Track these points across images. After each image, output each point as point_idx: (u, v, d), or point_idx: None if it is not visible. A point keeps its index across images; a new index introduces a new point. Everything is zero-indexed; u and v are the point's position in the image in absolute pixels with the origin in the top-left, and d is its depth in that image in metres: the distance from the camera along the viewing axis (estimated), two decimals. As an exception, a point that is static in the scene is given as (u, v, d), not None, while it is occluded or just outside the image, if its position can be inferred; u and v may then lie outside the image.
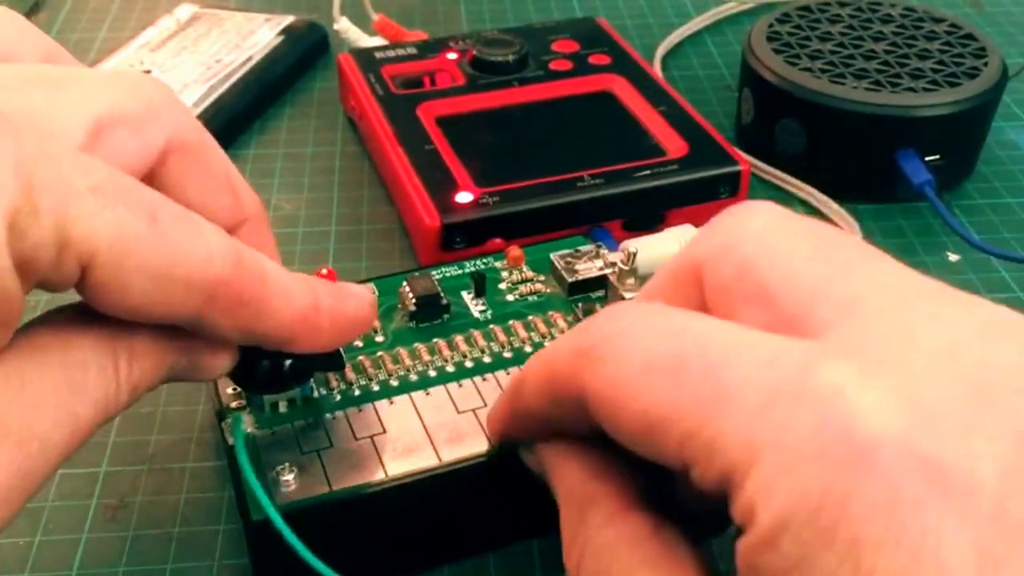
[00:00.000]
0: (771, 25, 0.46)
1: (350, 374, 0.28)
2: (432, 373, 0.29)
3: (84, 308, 0.20)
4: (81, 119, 0.20)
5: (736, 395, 0.16)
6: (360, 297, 0.25)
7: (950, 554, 0.14)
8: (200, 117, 0.45)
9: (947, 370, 0.16)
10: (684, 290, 0.21)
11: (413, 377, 0.28)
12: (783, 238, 0.20)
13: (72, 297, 0.19)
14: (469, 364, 0.29)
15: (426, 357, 0.29)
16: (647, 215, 0.38)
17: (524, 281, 0.32)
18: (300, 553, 0.23)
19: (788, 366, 0.17)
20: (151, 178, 0.22)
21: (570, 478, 0.22)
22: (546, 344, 0.29)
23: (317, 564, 0.23)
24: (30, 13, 0.56)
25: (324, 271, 0.29)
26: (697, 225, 0.36)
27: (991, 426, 0.15)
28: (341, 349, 0.27)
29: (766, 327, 0.18)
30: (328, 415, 0.27)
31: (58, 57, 0.24)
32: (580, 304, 0.31)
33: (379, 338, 0.30)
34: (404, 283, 0.31)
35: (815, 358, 0.16)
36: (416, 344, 0.29)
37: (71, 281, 0.18)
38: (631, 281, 0.31)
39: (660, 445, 0.18)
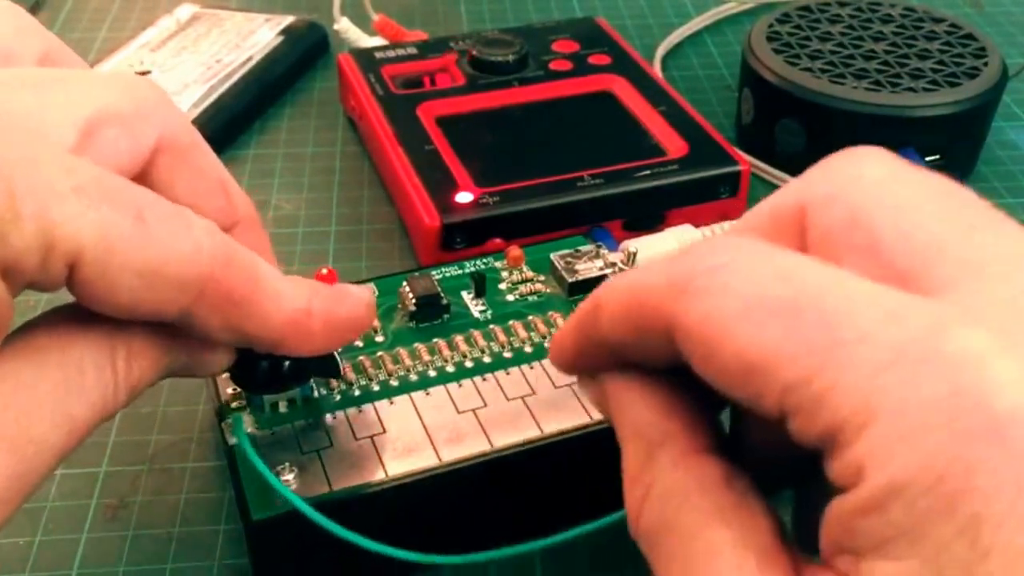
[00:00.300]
0: (771, 25, 0.46)
1: (350, 374, 0.28)
2: (432, 373, 0.29)
3: (81, 308, 0.20)
4: (71, 120, 0.20)
5: (856, 348, 0.15)
6: (356, 300, 0.24)
7: None
8: (200, 117, 0.45)
9: None
10: (784, 231, 0.20)
11: (413, 377, 0.28)
12: (902, 188, 0.19)
13: (71, 296, 0.19)
14: (469, 364, 0.29)
15: (426, 357, 0.29)
16: (647, 215, 0.38)
17: (524, 281, 0.32)
18: (338, 533, 0.23)
19: (917, 325, 0.16)
20: (142, 178, 0.22)
21: (639, 413, 0.20)
22: (546, 345, 0.29)
23: (359, 539, 0.23)
24: (30, 12, 0.56)
25: (324, 271, 0.29)
26: (697, 225, 0.36)
27: None
28: (338, 358, 0.27)
29: (876, 281, 0.17)
30: (328, 415, 0.27)
31: (58, 53, 0.23)
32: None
33: (379, 338, 0.30)
34: (404, 283, 0.31)
35: (948, 320, 0.16)
36: (416, 344, 0.29)
37: (59, 282, 0.18)
38: (631, 281, 0.31)
39: (758, 390, 0.16)
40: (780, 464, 0.20)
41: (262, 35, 0.52)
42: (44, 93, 0.20)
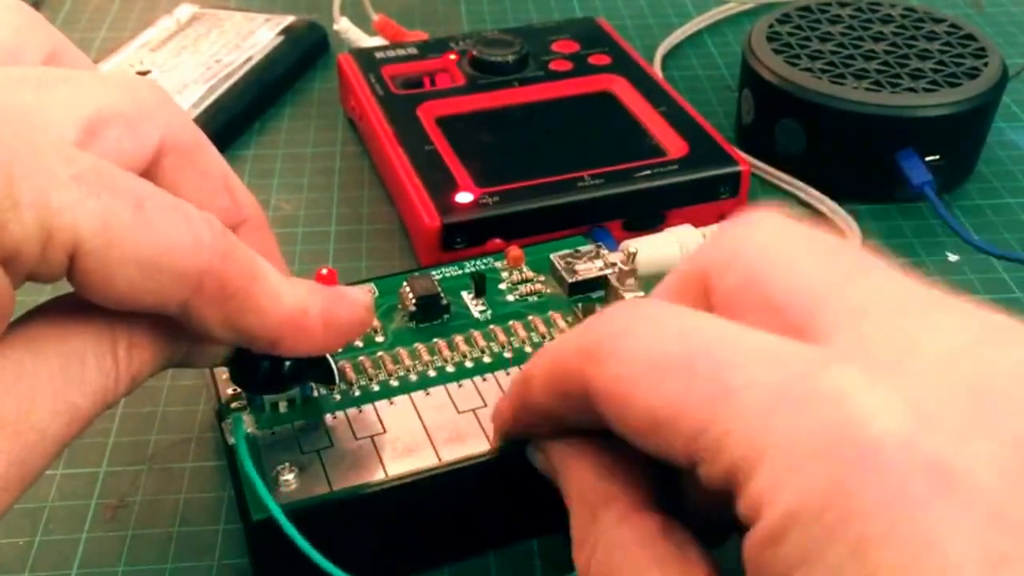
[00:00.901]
0: (771, 25, 0.46)
1: (350, 374, 0.28)
2: (432, 373, 0.29)
3: (83, 298, 0.20)
4: (72, 118, 0.20)
5: (742, 395, 0.17)
6: (355, 302, 0.24)
7: (954, 550, 0.14)
8: (200, 117, 0.45)
9: (948, 375, 0.17)
10: (691, 296, 0.22)
11: (413, 377, 0.28)
12: (788, 247, 0.20)
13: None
14: (469, 364, 0.29)
15: (426, 357, 0.29)
16: (647, 215, 0.38)
17: (524, 281, 0.32)
18: (303, 550, 0.23)
19: (794, 368, 0.17)
20: (146, 178, 0.22)
21: (581, 477, 0.22)
22: (546, 344, 0.29)
23: (320, 560, 0.23)
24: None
25: (324, 271, 0.29)
26: (697, 225, 0.36)
27: (990, 428, 0.16)
28: (334, 365, 0.27)
29: (774, 333, 0.19)
30: (328, 415, 0.27)
31: (65, 51, 0.23)
32: (580, 304, 0.31)
33: (379, 338, 0.30)
34: (404, 283, 0.31)
35: (821, 361, 0.17)
36: (416, 344, 0.29)
37: (60, 272, 0.18)
38: (631, 281, 0.31)
39: (667, 442, 0.18)
40: (716, 515, 0.21)
41: (262, 35, 0.52)
42: (46, 91, 0.20)
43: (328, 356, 0.27)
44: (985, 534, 0.15)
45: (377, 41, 0.50)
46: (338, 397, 0.28)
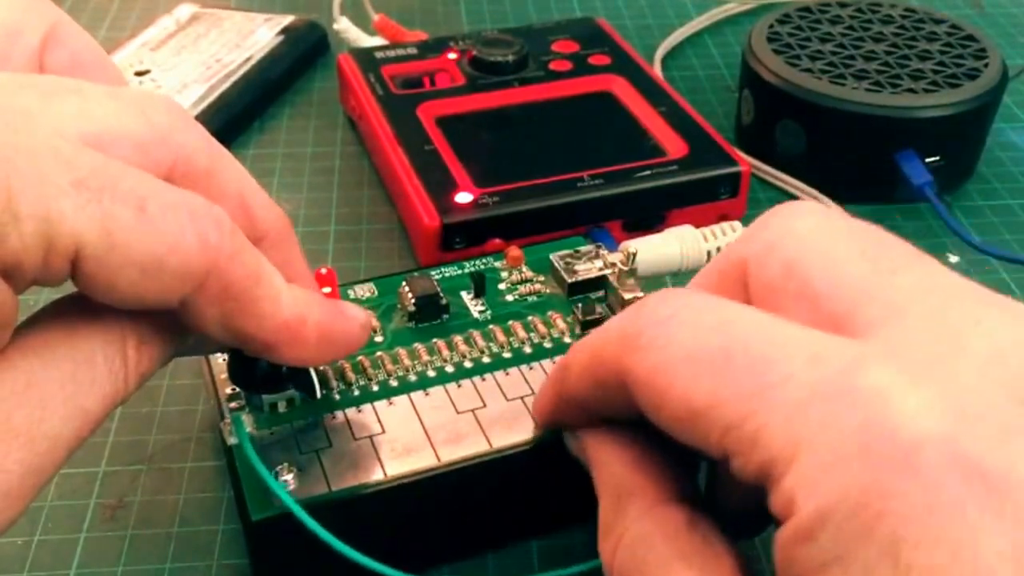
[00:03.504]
0: (771, 26, 0.46)
1: (350, 374, 0.28)
2: (431, 373, 0.29)
3: (87, 297, 0.19)
4: (77, 130, 0.19)
5: (780, 390, 0.17)
6: (352, 319, 0.24)
7: (988, 553, 0.15)
8: (200, 117, 0.45)
9: (992, 374, 0.17)
10: (729, 286, 0.21)
11: (412, 377, 0.28)
12: (830, 238, 0.20)
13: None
14: (468, 364, 0.29)
15: (425, 357, 0.29)
16: (647, 215, 0.38)
17: (524, 281, 0.32)
18: (326, 540, 0.23)
19: (834, 364, 0.17)
20: None
21: (611, 467, 0.22)
22: (546, 345, 0.29)
23: (344, 548, 0.23)
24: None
25: (323, 271, 0.29)
26: (697, 226, 0.36)
27: None
28: (316, 381, 0.27)
29: (811, 326, 0.18)
30: (327, 415, 0.27)
31: (64, 28, 0.23)
32: (580, 304, 0.31)
33: (378, 338, 0.30)
34: (403, 283, 0.31)
35: (861, 358, 0.17)
36: (415, 344, 0.29)
37: (63, 277, 0.18)
38: (631, 281, 0.31)
39: (702, 434, 0.18)
40: (747, 509, 0.22)
41: (262, 35, 0.52)
42: (53, 100, 0.19)
43: (311, 371, 0.27)
44: (1020, 536, 0.15)
45: (377, 41, 0.50)
46: (337, 397, 0.28)
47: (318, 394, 0.27)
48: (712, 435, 0.18)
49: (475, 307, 0.31)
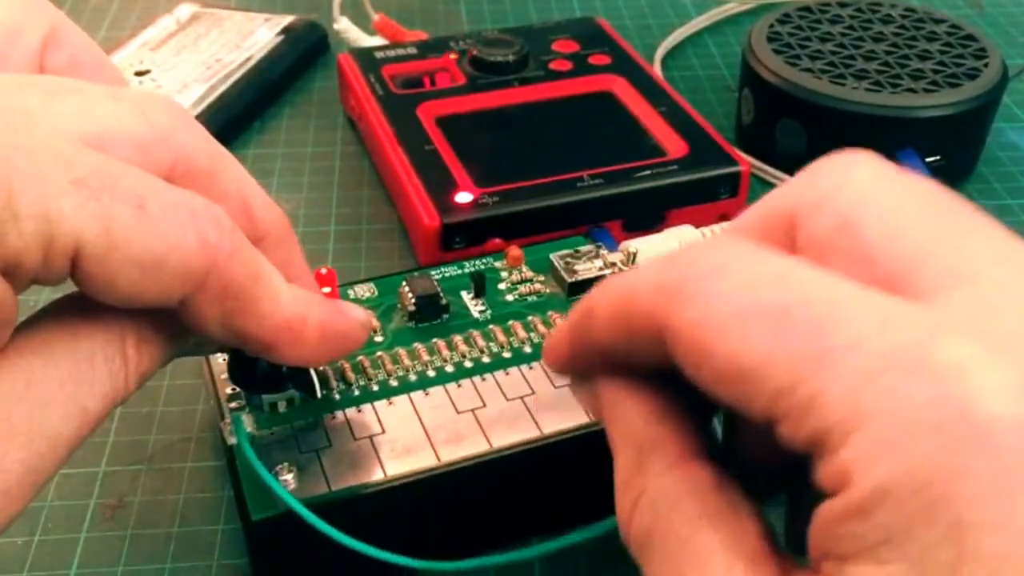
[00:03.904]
0: (771, 25, 0.46)
1: (350, 374, 0.28)
2: (431, 373, 0.29)
3: (87, 297, 0.19)
4: (77, 129, 0.19)
5: (845, 355, 0.16)
6: (353, 319, 0.24)
7: None
8: (200, 116, 0.45)
9: None
10: (774, 234, 0.20)
11: (412, 377, 0.28)
12: (890, 193, 0.19)
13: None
14: (468, 364, 0.29)
15: (425, 357, 0.29)
16: (647, 215, 0.38)
17: (524, 281, 0.32)
18: (334, 537, 0.23)
19: (906, 332, 0.16)
20: None
21: (630, 418, 0.20)
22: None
23: (353, 543, 0.23)
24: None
25: (323, 270, 0.29)
26: (697, 225, 0.36)
27: None
28: (316, 381, 0.27)
29: (865, 285, 0.17)
30: (327, 415, 0.27)
31: (64, 30, 0.23)
32: (580, 304, 0.31)
33: (378, 338, 0.30)
34: (403, 283, 0.31)
35: (937, 328, 0.16)
36: (415, 344, 0.29)
37: (63, 276, 0.18)
38: (631, 281, 0.31)
39: (748, 395, 0.17)
40: (773, 469, 0.21)
41: (262, 35, 0.52)
42: (54, 99, 0.19)
43: (311, 371, 0.27)
44: None
45: (377, 41, 0.50)
46: (337, 397, 0.28)
47: (318, 394, 0.27)
48: (760, 398, 0.16)
49: (475, 307, 0.31)
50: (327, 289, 0.29)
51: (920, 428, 0.15)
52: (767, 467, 0.21)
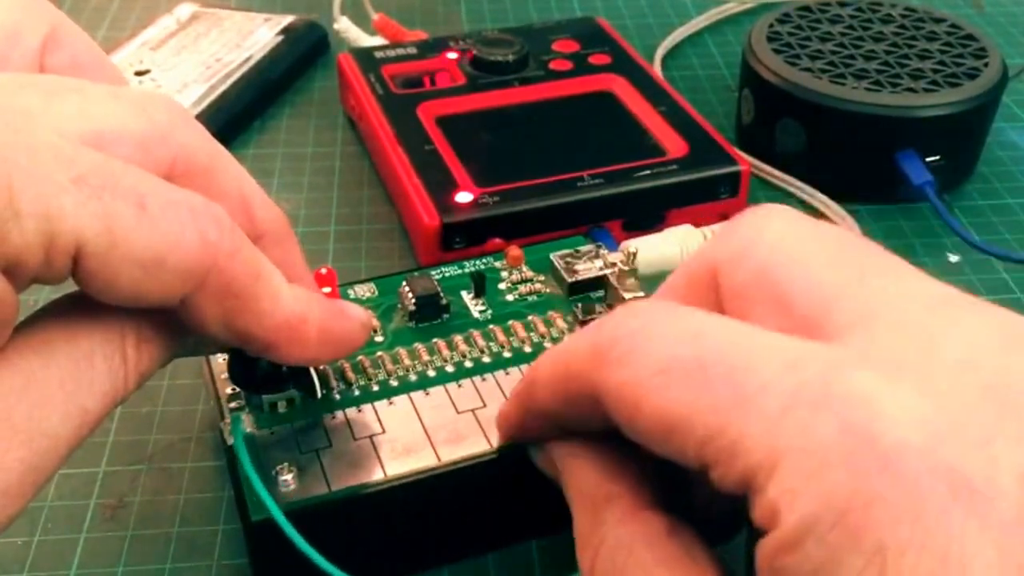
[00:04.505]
0: (771, 25, 0.46)
1: (350, 374, 0.28)
2: (431, 373, 0.29)
3: (87, 296, 0.19)
4: (78, 128, 0.19)
5: (758, 398, 0.17)
6: (353, 319, 0.24)
7: (974, 559, 0.14)
8: (200, 116, 0.45)
9: (968, 379, 0.16)
10: (699, 292, 0.21)
11: (412, 377, 0.28)
12: (801, 242, 0.20)
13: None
14: (469, 364, 0.29)
15: (425, 357, 0.29)
16: (647, 215, 0.38)
17: (524, 281, 0.32)
18: (302, 549, 0.23)
19: (811, 370, 0.17)
20: None
21: (584, 477, 0.22)
22: (546, 345, 0.29)
23: (319, 560, 0.23)
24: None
25: (323, 270, 0.29)
26: (697, 225, 0.36)
27: (1011, 434, 0.16)
28: (316, 380, 0.27)
29: (783, 332, 0.18)
30: (327, 415, 0.27)
31: (64, 30, 0.23)
32: (580, 304, 0.31)
33: (379, 338, 0.30)
34: (404, 283, 0.31)
35: (839, 363, 0.17)
36: (415, 344, 0.29)
37: (64, 275, 0.18)
38: (631, 281, 0.31)
39: (679, 446, 0.18)
40: (727, 508, 0.21)
41: (262, 34, 0.52)
42: (55, 99, 0.19)
43: (311, 371, 0.27)
44: (1005, 542, 0.14)
45: (377, 41, 0.50)
46: (338, 397, 0.28)
47: (318, 394, 0.27)
48: (689, 447, 0.17)
49: (475, 307, 0.31)
50: (327, 289, 0.29)
51: (831, 458, 0.15)
52: (723, 508, 0.21)
